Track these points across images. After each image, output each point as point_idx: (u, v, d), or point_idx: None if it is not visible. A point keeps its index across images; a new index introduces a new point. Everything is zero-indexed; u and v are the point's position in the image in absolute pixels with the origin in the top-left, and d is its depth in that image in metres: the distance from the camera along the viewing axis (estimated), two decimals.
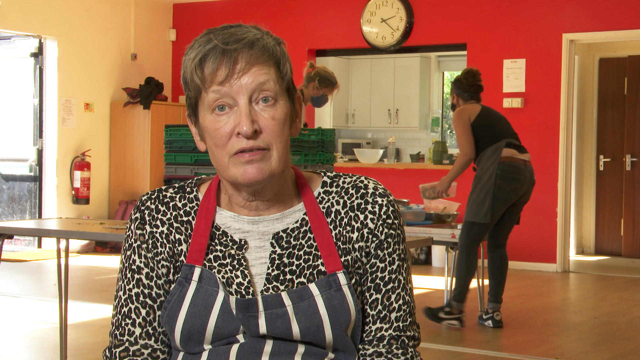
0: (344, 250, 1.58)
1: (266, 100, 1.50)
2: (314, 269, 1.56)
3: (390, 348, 1.59)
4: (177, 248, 1.59)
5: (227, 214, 1.61)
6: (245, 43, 1.49)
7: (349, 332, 1.57)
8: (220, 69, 1.49)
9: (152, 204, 1.62)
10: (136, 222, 1.62)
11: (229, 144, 1.50)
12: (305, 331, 1.52)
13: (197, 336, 1.54)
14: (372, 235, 1.59)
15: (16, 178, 9.66)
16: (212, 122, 1.51)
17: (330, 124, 11.61)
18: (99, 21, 9.80)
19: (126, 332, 1.59)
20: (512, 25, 8.81)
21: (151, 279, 1.60)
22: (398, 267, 1.61)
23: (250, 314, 1.52)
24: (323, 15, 9.82)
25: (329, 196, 1.62)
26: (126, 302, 1.60)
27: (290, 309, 1.52)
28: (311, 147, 4.19)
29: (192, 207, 1.62)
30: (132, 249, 1.62)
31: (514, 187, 5.69)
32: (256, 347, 1.53)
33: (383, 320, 1.60)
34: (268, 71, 1.50)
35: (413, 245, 4.53)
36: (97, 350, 4.98)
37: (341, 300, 1.54)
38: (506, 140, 5.72)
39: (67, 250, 4.75)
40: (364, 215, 1.59)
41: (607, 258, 9.93)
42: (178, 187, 1.65)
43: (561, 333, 5.85)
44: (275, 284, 1.55)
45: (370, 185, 1.62)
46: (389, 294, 1.60)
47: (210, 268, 1.57)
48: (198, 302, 1.54)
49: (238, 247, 1.58)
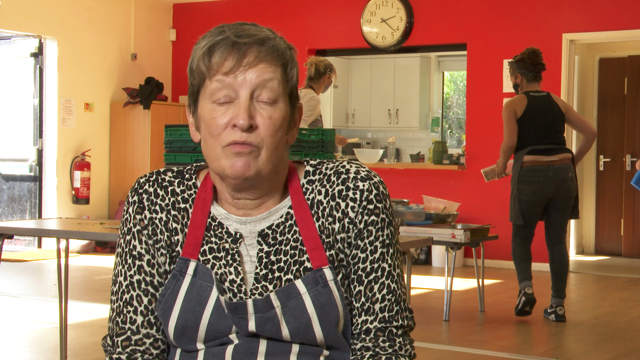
0: (328, 244, 1.56)
1: (267, 99, 1.50)
2: (300, 265, 1.54)
3: (377, 341, 1.56)
4: (173, 237, 1.58)
5: (220, 210, 1.60)
6: (257, 39, 1.50)
7: (340, 329, 1.55)
8: (228, 60, 1.49)
9: (150, 187, 1.61)
10: (134, 205, 1.60)
11: (223, 135, 1.50)
12: (294, 332, 1.51)
13: (190, 332, 1.53)
14: (352, 225, 1.56)
15: (16, 178, 9.67)
16: (210, 111, 1.51)
17: (330, 124, 11.61)
18: (99, 21, 9.80)
19: (128, 320, 1.58)
20: (512, 25, 8.81)
21: (152, 267, 1.58)
22: (381, 254, 1.57)
23: (239, 316, 1.51)
24: (323, 15, 9.82)
25: (312, 185, 1.59)
26: (127, 288, 1.58)
27: (279, 310, 1.51)
28: (311, 147, 4.19)
29: (190, 194, 1.61)
30: (132, 233, 1.60)
31: (534, 189, 6.02)
32: (251, 347, 1.52)
33: (367, 312, 1.56)
34: (274, 70, 1.51)
35: (413, 245, 4.53)
36: (97, 350, 4.98)
37: (328, 296, 1.52)
38: (531, 148, 6.03)
39: (67, 250, 4.75)
40: (345, 202, 1.56)
41: (607, 258, 9.93)
42: (177, 172, 1.63)
43: (561, 333, 5.85)
44: (264, 283, 1.54)
45: (352, 169, 1.58)
46: (372, 284, 1.56)
47: (204, 261, 1.55)
48: (192, 298, 1.53)
49: (233, 240, 1.57)
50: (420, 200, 7.22)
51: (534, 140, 6.03)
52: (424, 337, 5.50)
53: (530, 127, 6.03)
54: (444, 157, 9.16)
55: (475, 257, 6.46)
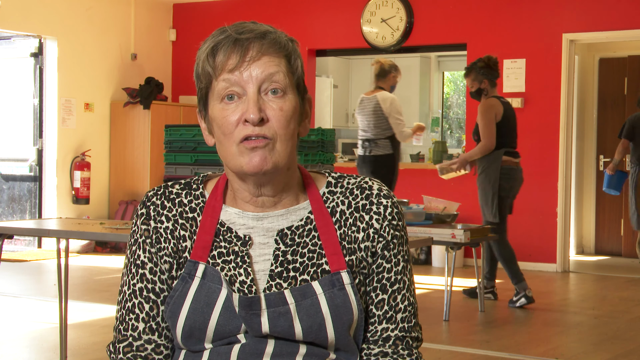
0: (349, 250, 1.59)
1: (275, 92, 1.52)
2: (318, 267, 1.57)
3: (397, 349, 1.61)
4: (181, 244, 1.60)
5: (232, 211, 1.61)
6: (258, 34, 1.52)
7: (351, 332, 1.57)
8: (232, 57, 1.51)
9: (157, 200, 1.63)
10: (142, 217, 1.63)
11: (236, 132, 1.52)
12: (307, 330, 1.53)
13: (199, 333, 1.54)
14: (378, 236, 1.60)
15: (16, 178, 9.67)
16: (221, 111, 1.53)
17: (330, 124, 11.62)
18: (99, 21, 9.80)
19: (130, 327, 1.60)
20: (512, 25, 8.81)
21: (155, 274, 1.60)
22: (403, 268, 1.63)
23: (253, 311, 1.52)
24: (323, 15, 9.82)
25: (334, 196, 1.63)
26: (130, 297, 1.61)
27: (293, 307, 1.53)
28: (311, 147, 4.19)
29: (198, 203, 1.62)
30: (138, 244, 1.62)
31: (511, 186, 6.66)
32: (257, 347, 1.53)
33: (389, 320, 1.61)
34: (279, 63, 1.53)
35: (413, 245, 4.53)
36: (97, 350, 4.98)
37: (344, 299, 1.55)
38: (505, 150, 6.63)
39: (67, 250, 4.75)
40: (369, 215, 1.60)
41: (607, 258, 9.93)
42: (184, 184, 1.66)
43: (561, 333, 5.85)
44: (279, 281, 1.56)
45: (375, 186, 1.63)
46: (395, 294, 1.62)
47: (214, 265, 1.57)
48: (200, 299, 1.55)
49: (242, 243, 1.58)
50: (420, 200, 7.22)
51: (508, 143, 6.64)
52: (424, 337, 5.48)
53: (505, 130, 6.63)
54: (444, 157, 9.17)
55: (475, 257, 6.46)
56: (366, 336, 1.61)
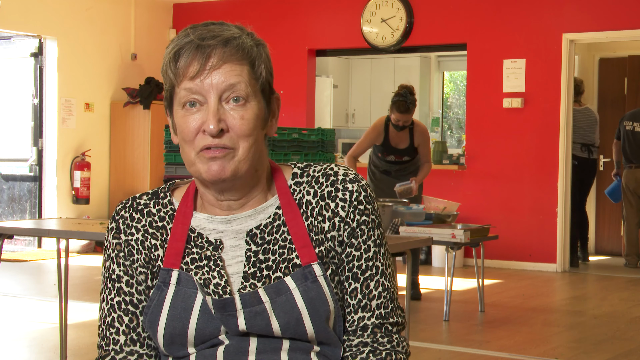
0: (317, 241, 1.57)
1: (237, 100, 1.51)
2: (289, 262, 1.56)
3: (375, 337, 1.58)
4: (153, 253, 1.60)
5: (201, 216, 1.61)
6: (220, 40, 1.50)
7: (330, 324, 1.56)
8: (193, 64, 1.50)
9: (126, 213, 1.63)
10: (112, 232, 1.63)
11: (196, 140, 1.51)
12: (285, 326, 1.52)
13: (180, 339, 1.55)
14: (343, 224, 1.58)
15: (16, 178, 9.67)
16: (182, 118, 1.52)
17: (330, 124, 11.61)
18: (99, 21, 9.80)
19: (111, 342, 1.60)
20: (512, 25, 8.81)
21: (131, 286, 1.61)
22: (374, 253, 1.60)
23: (228, 313, 1.52)
24: (323, 15, 9.82)
25: (300, 187, 1.61)
26: (109, 312, 1.61)
27: (268, 305, 1.52)
28: (311, 147, 4.19)
29: (167, 212, 1.63)
30: (111, 259, 1.63)
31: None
32: (241, 346, 1.53)
33: (364, 309, 1.59)
34: (240, 71, 1.51)
35: (413, 245, 4.52)
36: None
37: (318, 291, 1.54)
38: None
39: (67, 250, 4.75)
40: (335, 203, 1.58)
41: (607, 258, 9.92)
42: (152, 193, 1.66)
43: (561, 333, 5.85)
44: (253, 281, 1.55)
45: (340, 171, 1.61)
46: (368, 281, 1.59)
47: (187, 271, 1.57)
48: (177, 305, 1.55)
49: (214, 247, 1.58)
50: (420, 200, 7.22)
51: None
52: (424, 337, 5.50)
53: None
54: (444, 157, 9.17)
55: (475, 257, 6.46)
56: (345, 327, 1.60)
